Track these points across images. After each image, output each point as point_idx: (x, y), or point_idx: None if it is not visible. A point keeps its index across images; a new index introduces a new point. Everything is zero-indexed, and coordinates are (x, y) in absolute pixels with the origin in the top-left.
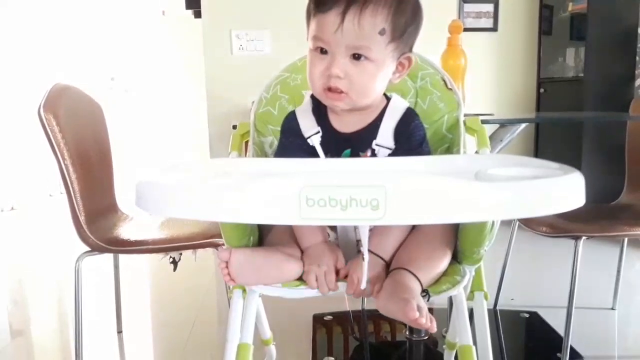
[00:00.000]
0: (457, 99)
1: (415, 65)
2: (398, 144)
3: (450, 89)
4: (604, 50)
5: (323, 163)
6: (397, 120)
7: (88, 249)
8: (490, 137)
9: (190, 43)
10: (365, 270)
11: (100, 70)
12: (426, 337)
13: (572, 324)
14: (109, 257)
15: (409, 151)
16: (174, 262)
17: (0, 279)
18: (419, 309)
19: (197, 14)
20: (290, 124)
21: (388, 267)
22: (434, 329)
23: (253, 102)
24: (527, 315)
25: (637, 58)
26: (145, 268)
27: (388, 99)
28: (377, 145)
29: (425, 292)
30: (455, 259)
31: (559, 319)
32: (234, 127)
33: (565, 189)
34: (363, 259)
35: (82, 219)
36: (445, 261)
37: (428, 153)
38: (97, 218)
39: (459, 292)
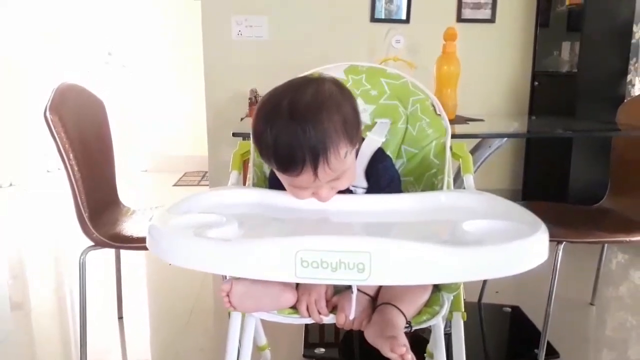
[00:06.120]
0: (445, 124)
1: (407, 91)
2: (369, 183)
3: (439, 115)
4: (599, 44)
5: (316, 205)
6: (367, 162)
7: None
8: (480, 144)
9: (189, 24)
10: (354, 302)
11: (97, 45)
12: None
13: (553, 319)
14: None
15: (378, 190)
16: None
17: (0, 253)
18: (404, 345)
19: None
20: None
21: (374, 302)
22: None
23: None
24: (509, 310)
25: (630, 54)
26: (146, 259)
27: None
28: (353, 186)
29: (408, 324)
30: (436, 286)
31: (541, 314)
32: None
33: (531, 250)
34: (352, 292)
35: (86, 216)
36: (426, 294)
37: (397, 191)
38: (100, 214)
39: (438, 321)
